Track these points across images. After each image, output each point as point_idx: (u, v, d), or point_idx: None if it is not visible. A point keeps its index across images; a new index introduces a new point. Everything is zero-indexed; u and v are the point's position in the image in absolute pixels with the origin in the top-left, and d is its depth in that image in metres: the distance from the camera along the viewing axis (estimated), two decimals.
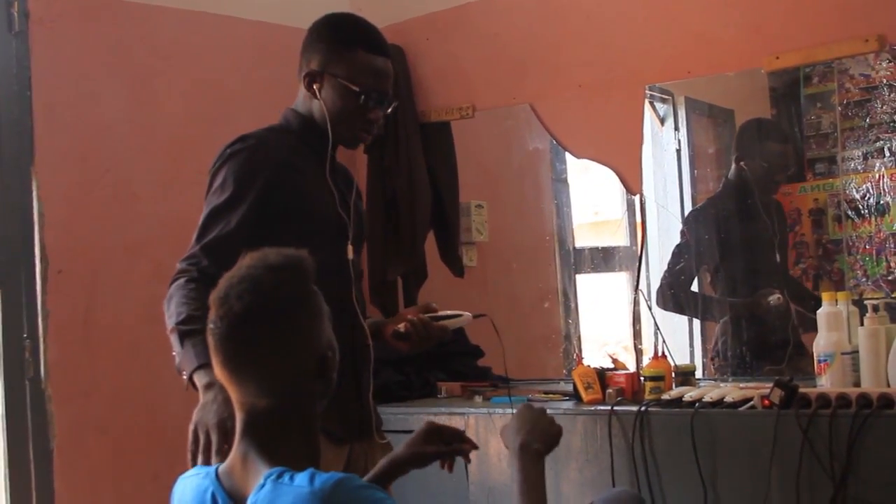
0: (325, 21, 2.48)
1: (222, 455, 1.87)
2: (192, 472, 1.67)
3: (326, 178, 2.37)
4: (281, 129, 2.45)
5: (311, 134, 2.41)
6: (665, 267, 3.46)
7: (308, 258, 1.64)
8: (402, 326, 2.35)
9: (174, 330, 2.14)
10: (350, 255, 2.37)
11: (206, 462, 1.92)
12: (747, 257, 3.39)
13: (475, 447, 2.14)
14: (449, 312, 2.40)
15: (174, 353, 2.13)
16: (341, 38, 2.43)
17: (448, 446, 2.08)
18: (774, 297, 3.20)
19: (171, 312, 2.18)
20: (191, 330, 2.09)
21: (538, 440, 1.94)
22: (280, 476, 1.50)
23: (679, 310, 3.45)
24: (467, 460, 2.14)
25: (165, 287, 3.44)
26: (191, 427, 2.00)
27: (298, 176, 2.33)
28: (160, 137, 3.55)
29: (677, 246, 3.46)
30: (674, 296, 3.44)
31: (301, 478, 1.49)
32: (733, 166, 3.33)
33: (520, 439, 1.93)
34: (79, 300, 3.31)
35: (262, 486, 1.50)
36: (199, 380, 2.03)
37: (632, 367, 3.24)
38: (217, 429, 1.95)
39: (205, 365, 1.97)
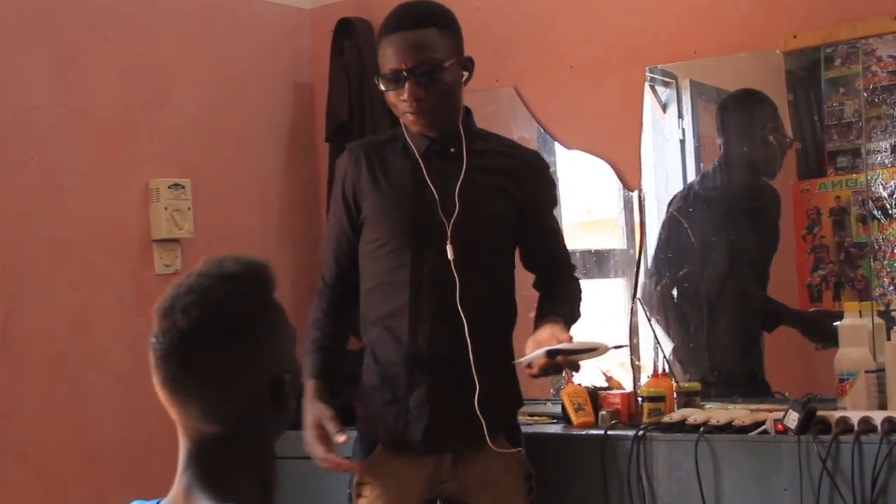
0: None
1: (328, 442, 2.54)
2: None
3: (424, 178, 2.66)
4: (398, 130, 2.78)
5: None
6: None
7: (269, 267, 1.62)
8: (524, 361, 2.50)
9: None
10: (450, 255, 2.61)
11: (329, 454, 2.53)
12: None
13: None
14: (581, 345, 2.49)
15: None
16: (376, 38, 2.70)
17: None
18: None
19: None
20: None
21: None
22: None
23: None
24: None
25: (96, 292, 3.45)
26: None
27: (373, 181, 2.72)
28: (91, 122, 3.53)
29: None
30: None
31: None
32: None
33: None
34: None
35: None
36: None
37: (628, 386, 3.24)
38: (310, 427, 2.56)
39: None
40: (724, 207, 3.39)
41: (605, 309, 3.57)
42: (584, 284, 2.84)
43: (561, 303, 2.74)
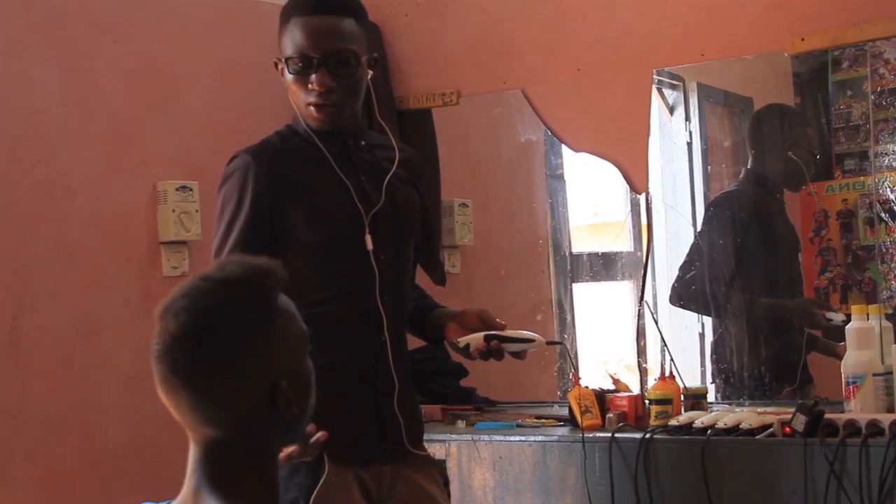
0: None
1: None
2: None
3: (335, 170, 2.48)
4: (289, 130, 2.58)
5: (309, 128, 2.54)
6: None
7: (277, 270, 1.59)
8: (463, 342, 2.49)
9: None
10: (369, 245, 2.45)
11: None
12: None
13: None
14: (518, 335, 2.50)
15: None
16: (281, 16, 2.50)
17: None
18: (837, 316, 3.14)
19: None
20: None
21: None
22: None
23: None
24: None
25: (103, 294, 3.44)
26: None
27: (295, 186, 2.46)
28: (99, 124, 3.53)
29: None
30: None
31: None
32: None
33: None
34: (4, 309, 3.28)
35: None
36: None
37: (635, 389, 3.23)
38: None
39: None
40: (750, 218, 3.40)
41: (611, 311, 3.57)
42: (592, 287, 2.85)
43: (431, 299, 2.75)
